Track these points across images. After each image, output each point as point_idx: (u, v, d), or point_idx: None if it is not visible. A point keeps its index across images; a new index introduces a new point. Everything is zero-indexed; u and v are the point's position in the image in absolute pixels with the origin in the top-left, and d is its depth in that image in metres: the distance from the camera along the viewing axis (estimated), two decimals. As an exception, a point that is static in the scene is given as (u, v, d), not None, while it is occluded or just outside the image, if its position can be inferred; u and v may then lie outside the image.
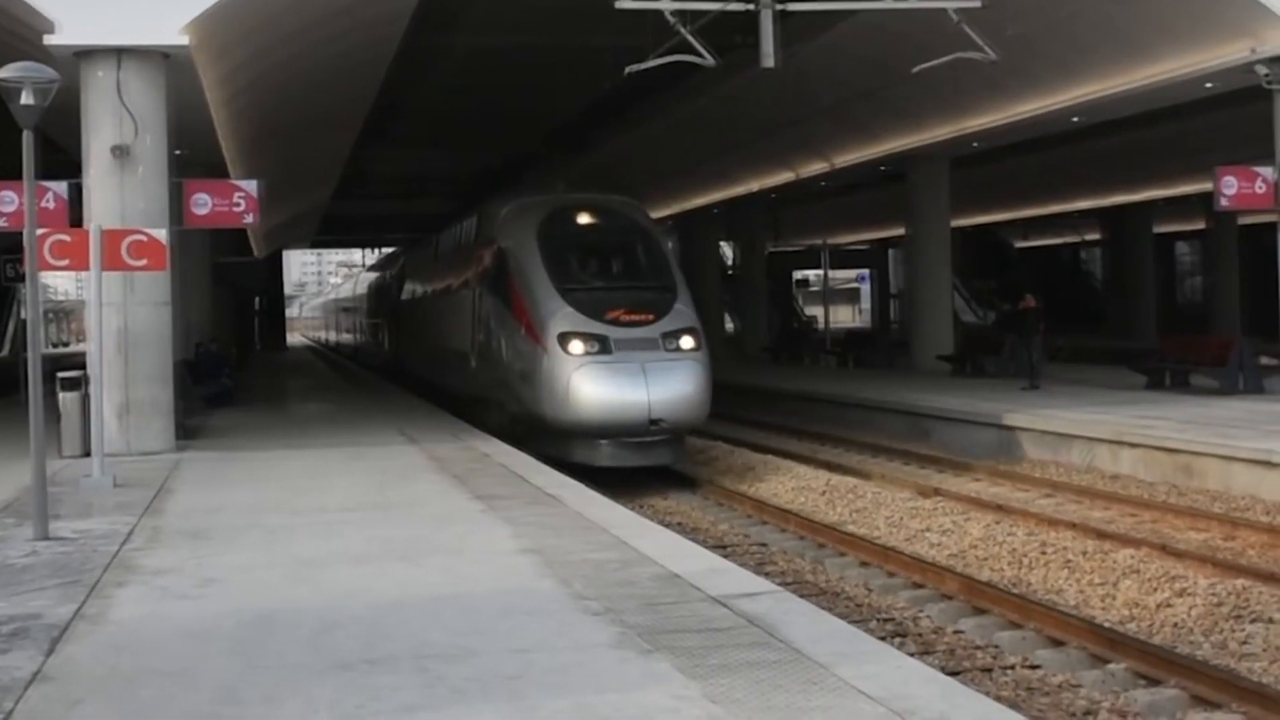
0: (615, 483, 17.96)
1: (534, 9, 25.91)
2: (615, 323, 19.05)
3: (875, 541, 14.72)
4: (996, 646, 10.54)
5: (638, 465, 19.15)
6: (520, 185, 41.21)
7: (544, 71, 31.99)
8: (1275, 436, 17.31)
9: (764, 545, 15.07)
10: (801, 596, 9.79)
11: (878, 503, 17.20)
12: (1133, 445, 18.72)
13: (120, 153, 17.41)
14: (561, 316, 19.14)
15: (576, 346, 18.80)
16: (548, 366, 18.88)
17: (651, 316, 19.31)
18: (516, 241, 20.77)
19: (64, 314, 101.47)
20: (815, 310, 67.63)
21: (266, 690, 6.70)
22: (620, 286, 20.12)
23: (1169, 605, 11.45)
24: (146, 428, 17.73)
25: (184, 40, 17.14)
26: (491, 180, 46.34)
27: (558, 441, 19.17)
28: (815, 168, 37.87)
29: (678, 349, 19.14)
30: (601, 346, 18.79)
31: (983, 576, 12.78)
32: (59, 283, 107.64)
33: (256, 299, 62.22)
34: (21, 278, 25.69)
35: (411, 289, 35.27)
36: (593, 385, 18.56)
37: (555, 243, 20.35)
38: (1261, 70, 21.61)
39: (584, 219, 21.31)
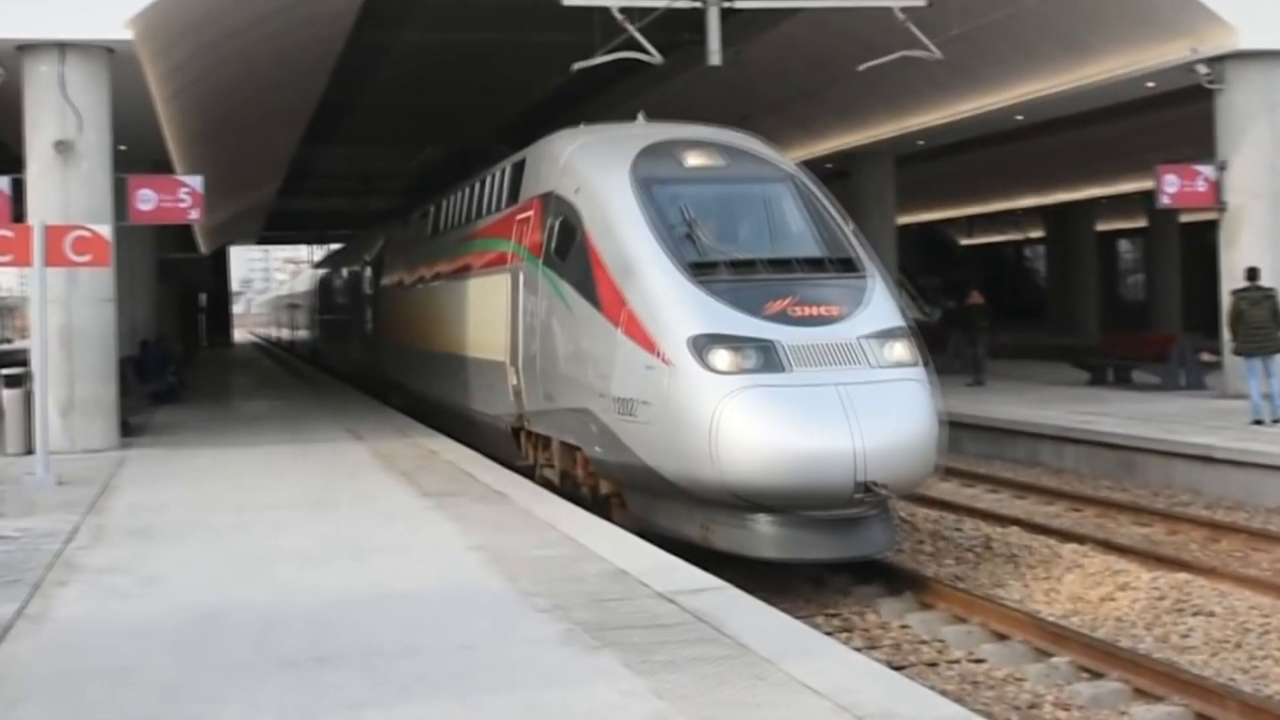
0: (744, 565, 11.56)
1: (481, 6, 25.85)
2: (784, 320, 11.92)
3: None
4: (942, 641, 10.63)
5: (832, 559, 11.69)
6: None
7: (492, 68, 31.92)
8: (1216, 432, 17.52)
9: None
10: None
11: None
12: (1075, 441, 18.90)
13: (63, 148, 17.27)
14: (696, 310, 11.99)
15: (724, 359, 11.54)
16: (673, 391, 11.64)
17: (838, 310, 12.19)
18: (597, 193, 13.52)
19: (6, 310, 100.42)
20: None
21: (212, 689, 6.67)
22: (784, 264, 12.80)
23: (1112, 599, 11.57)
24: (90, 425, 17.59)
25: (128, 35, 17.02)
26: (438, 176, 46.12)
27: (679, 511, 12.05)
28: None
29: (892, 362, 11.94)
30: (766, 359, 11.58)
31: (928, 571, 12.86)
32: (1, 279, 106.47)
33: (202, 295, 61.73)
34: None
35: (397, 277, 27.06)
36: (759, 425, 11.18)
37: (666, 195, 13.18)
38: (1201, 70, 21.85)
39: (701, 159, 13.82)
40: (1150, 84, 24.40)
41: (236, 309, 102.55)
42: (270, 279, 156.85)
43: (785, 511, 11.35)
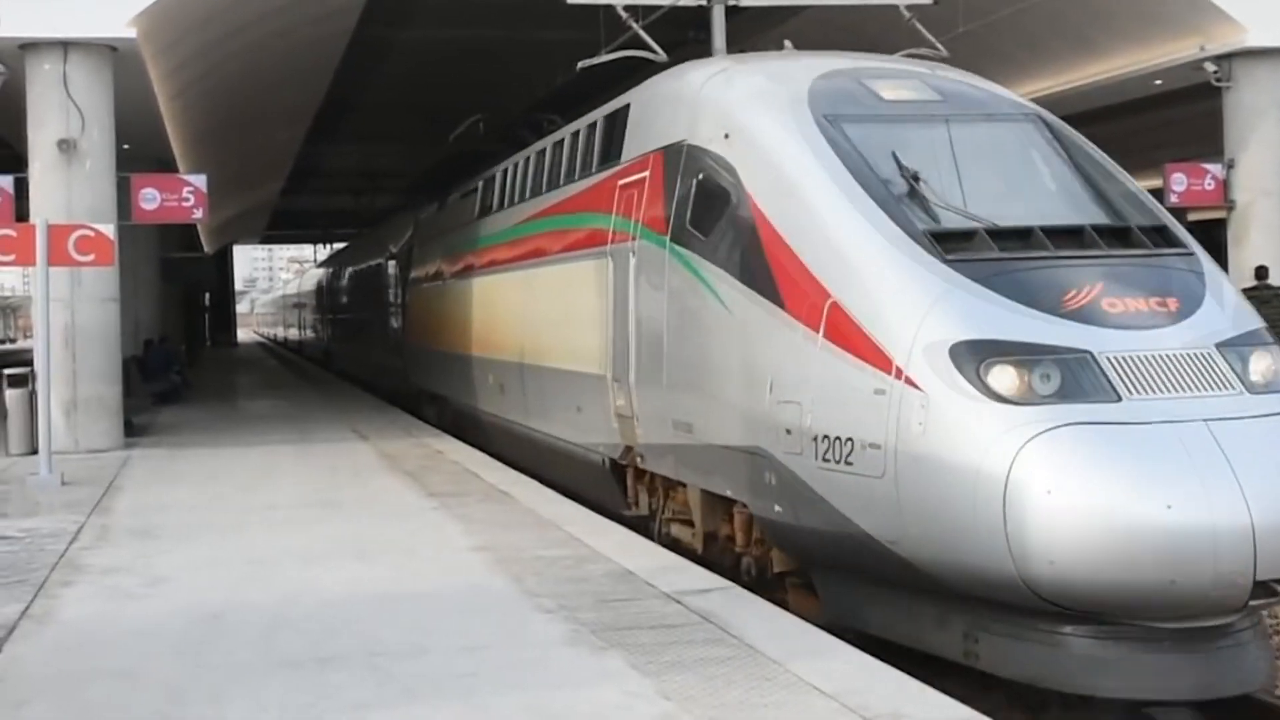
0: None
1: (485, 2, 25.80)
2: (1097, 318, 8.14)
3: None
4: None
5: (1191, 698, 7.65)
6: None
7: (496, 65, 31.89)
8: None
9: None
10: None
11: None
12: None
13: (66, 147, 17.24)
14: (957, 304, 8.24)
15: (1012, 380, 7.79)
16: (927, 430, 7.83)
17: (1174, 304, 8.38)
18: (762, 138, 9.94)
19: (10, 310, 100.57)
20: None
21: (216, 690, 6.63)
22: (1074, 234, 8.93)
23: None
24: (94, 425, 17.57)
25: (131, 33, 16.99)
26: (441, 175, 46.08)
27: (921, 612, 8.44)
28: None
29: (1266, 384, 8.13)
30: (1080, 380, 7.80)
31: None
32: (4, 278, 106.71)
33: (206, 295, 61.78)
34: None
35: (431, 269, 23.30)
36: (1089, 485, 7.34)
37: (869, 139, 9.56)
38: (1210, 68, 21.78)
39: (905, 91, 10.15)
40: (1158, 81, 24.32)
41: (240, 308, 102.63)
42: (274, 278, 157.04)
43: (1111, 620, 7.49)
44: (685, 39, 22.25)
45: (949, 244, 8.62)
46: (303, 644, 7.47)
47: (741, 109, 10.45)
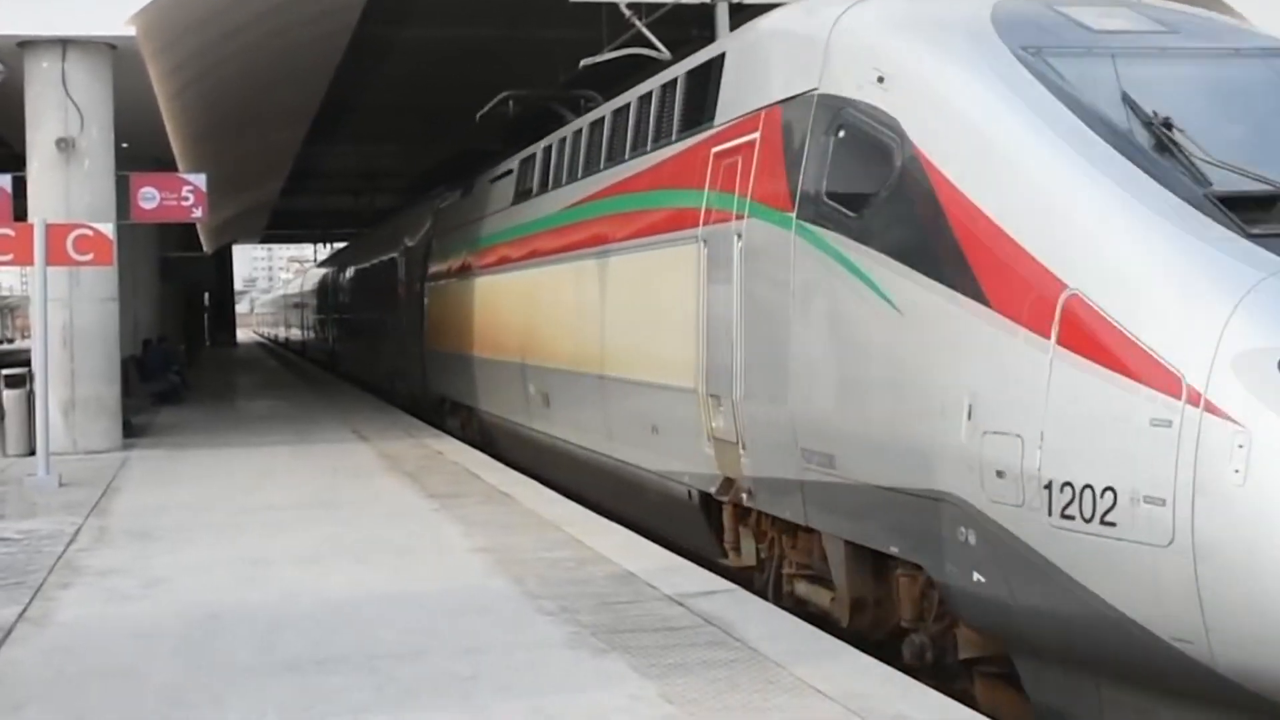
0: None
1: (486, 2, 25.78)
2: None
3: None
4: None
5: None
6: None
7: (498, 64, 31.84)
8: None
9: None
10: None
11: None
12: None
13: (65, 145, 17.19)
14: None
15: None
16: (1248, 479, 5.56)
17: None
18: (940, 82, 7.77)
19: (8, 309, 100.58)
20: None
21: (214, 692, 6.58)
22: None
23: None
24: (93, 426, 17.52)
25: (130, 31, 16.95)
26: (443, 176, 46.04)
27: None
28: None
29: None
30: None
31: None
32: (3, 278, 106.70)
33: (205, 294, 61.78)
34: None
35: (457, 263, 21.02)
36: None
37: (1092, 79, 7.48)
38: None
39: (1119, 20, 8.12)
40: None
41: (240, 308, 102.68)
42: (274, 278, 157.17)
43: None
44: (689, 37, 22.24)
45: (1246, 213, 6.46)
46: (302, 645, 7.43)
47: (902, 45, 8.08)
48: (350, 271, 39.09)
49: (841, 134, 8.32)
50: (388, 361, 28.89)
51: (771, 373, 8.84)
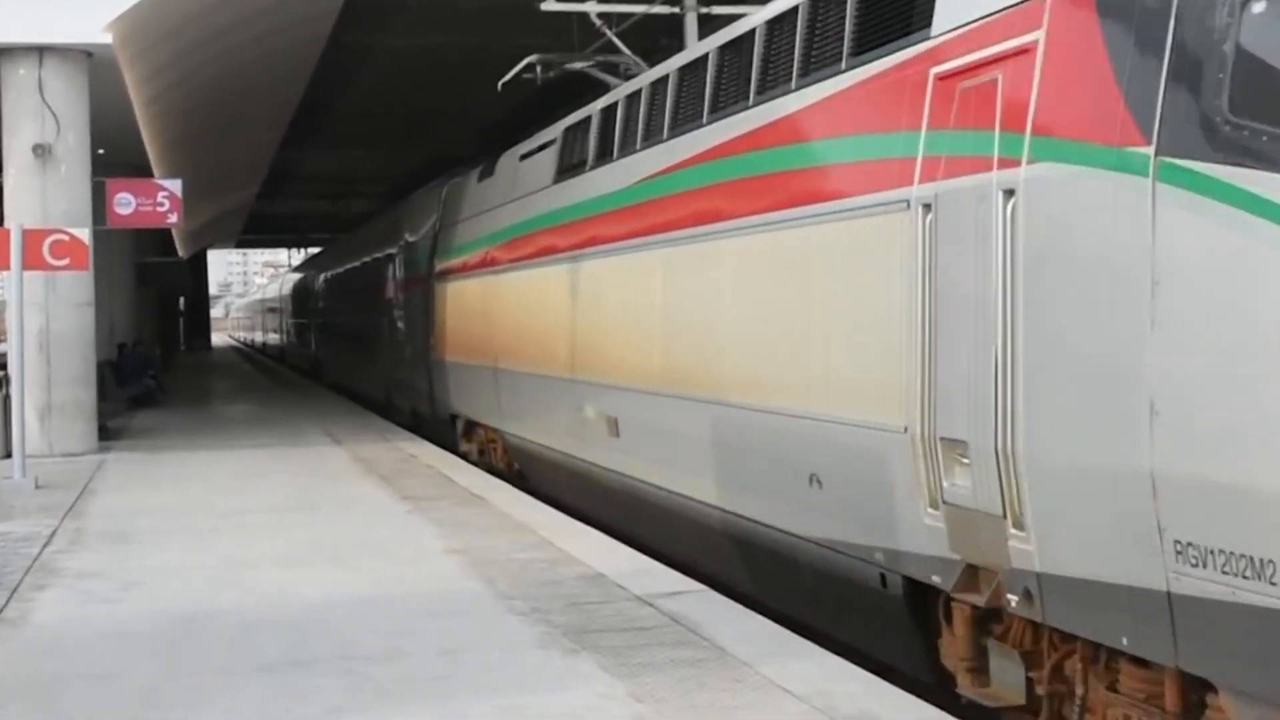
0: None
1: (460, 9, 25.84)
2: None
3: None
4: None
5: None
6: None
7: (471, 71, 31.91)
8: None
9: None
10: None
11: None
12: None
13: (42, 151, 17.23)
14: None
15: None
16: None
17: None
18: None
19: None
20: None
21: (191, 694, 6.66)
22: None
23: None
24: (69, 429, 17.56)
25: (107, 38, 16.99)
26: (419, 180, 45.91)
27: None
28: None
29: None
30: None
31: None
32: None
33: (181, 299, 61.60)
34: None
35: (475, 257, 17.82)
36: None
37: None
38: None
39: None
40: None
41: (215, 313, 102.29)
42: (249, 282, 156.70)
43: None
44: (658, 45, 22.38)
45: None
46: (278, 647, 7.50)
47: None
48: (339, 270, 35.49)
49: (1262, 7, 5.23)
50: (384, 372, 25.68)
51: (1099, 408, 5.71)
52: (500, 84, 20.27)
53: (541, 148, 15.33)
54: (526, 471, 15.76)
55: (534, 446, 14.93)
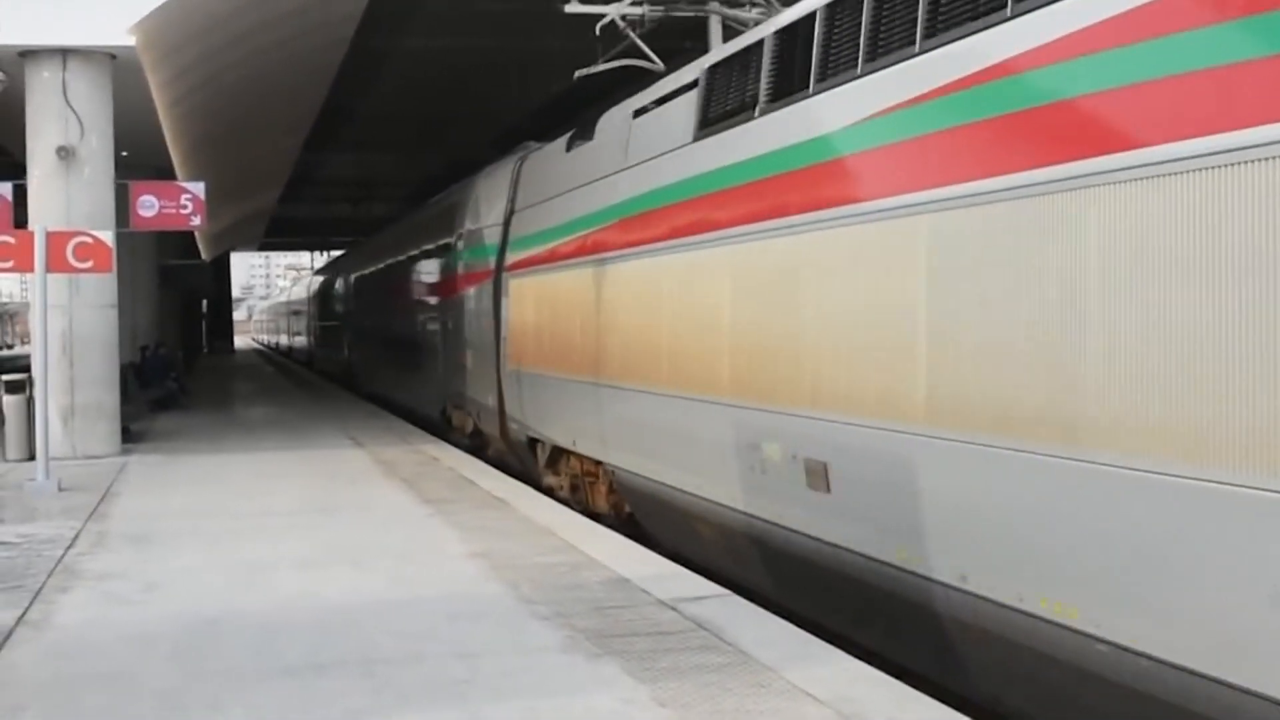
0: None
1: (483, 12, 25.88)
2: None
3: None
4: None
5: None
6: None
7: (494, 74, 31.97)
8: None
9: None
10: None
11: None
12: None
13: (65, 154, 17.27)
14: None
15: None
16: None
17: None
18: None
19: (8, 316, 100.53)
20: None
21: (211, 696, 6.64)
22: None
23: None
24: (92, 431, 17.59)
25: (130, 41, 17.03)
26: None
27: None
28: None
29: None
30: None
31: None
32: (3, 284, 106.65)
33: (204, 301, 61.84)
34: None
35: (571, 242, 14.14)
36: None
37: None
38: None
39: None
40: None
41: (238, 315, 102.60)
42: (272, 285, 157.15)
43: None
44: (681, 48, 22.36)
45: None
46: (299, 650, 7.48)
47: None
48: (378, 267, 31.48)
49: None
50: (436, 384, 22.11)
51: None
52: (598, 26, 17.16)
53: (670, 96, 11.83)
54: (645, 519, 12.65)
55: (663, 490, 11.52)
